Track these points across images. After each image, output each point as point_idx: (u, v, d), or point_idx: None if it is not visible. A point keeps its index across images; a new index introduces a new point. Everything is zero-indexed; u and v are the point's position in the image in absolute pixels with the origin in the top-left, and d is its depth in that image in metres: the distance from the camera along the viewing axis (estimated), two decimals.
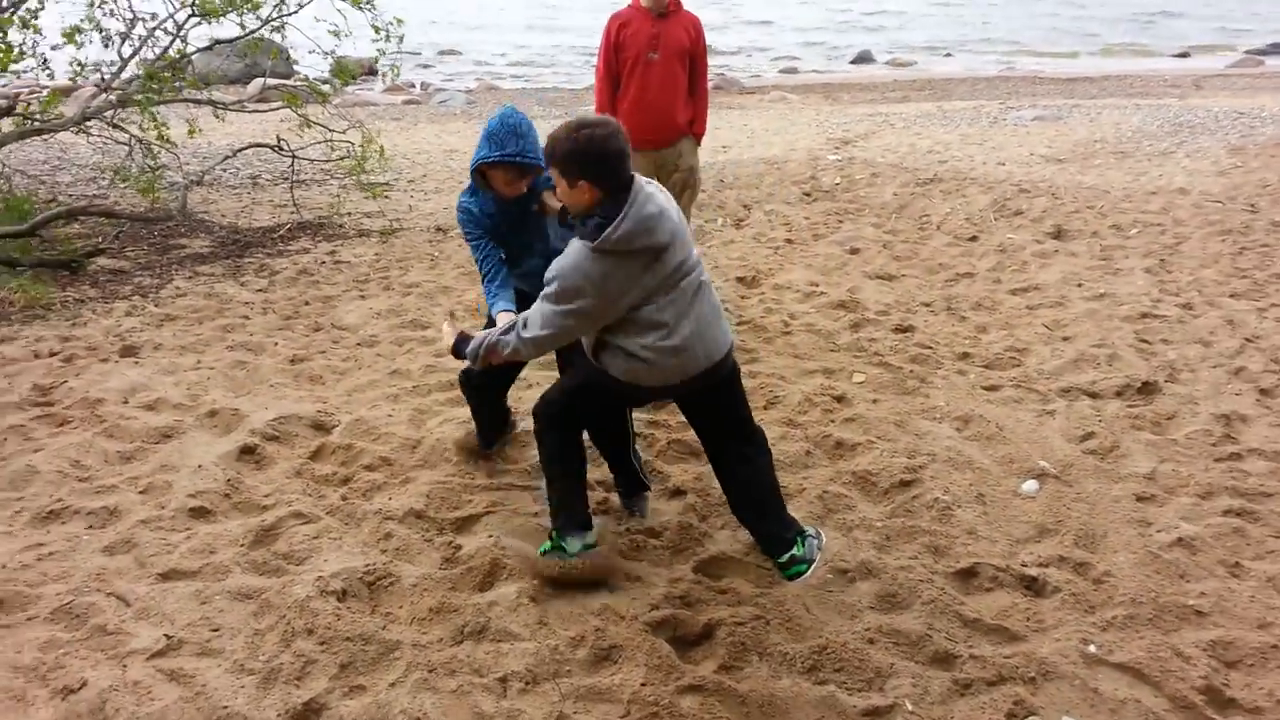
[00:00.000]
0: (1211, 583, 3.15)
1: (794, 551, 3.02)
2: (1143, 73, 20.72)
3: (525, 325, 2.87)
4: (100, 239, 7.15)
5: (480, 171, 3.30)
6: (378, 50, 8.11)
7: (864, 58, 24.35)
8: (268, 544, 3.38)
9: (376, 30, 7.98)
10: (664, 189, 2.94)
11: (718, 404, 3.10)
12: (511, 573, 3.15)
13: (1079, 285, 6.20)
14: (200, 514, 3.56)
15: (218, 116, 8.44)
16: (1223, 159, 9.98)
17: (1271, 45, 24.28)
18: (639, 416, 4.06)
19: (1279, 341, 5.20)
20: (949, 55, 25.04)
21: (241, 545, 3.35)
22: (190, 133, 8.29)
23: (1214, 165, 9.71)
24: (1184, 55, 24.83)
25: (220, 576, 3.18)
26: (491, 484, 3.75)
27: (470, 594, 3.09)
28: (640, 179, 2.83)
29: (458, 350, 3.08)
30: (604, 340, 2.90)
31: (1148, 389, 4.61)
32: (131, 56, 7.94)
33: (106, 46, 7.86)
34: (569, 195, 2.81)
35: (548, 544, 3.17)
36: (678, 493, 3.71)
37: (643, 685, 2.65)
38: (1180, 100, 14.89)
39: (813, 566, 3.02)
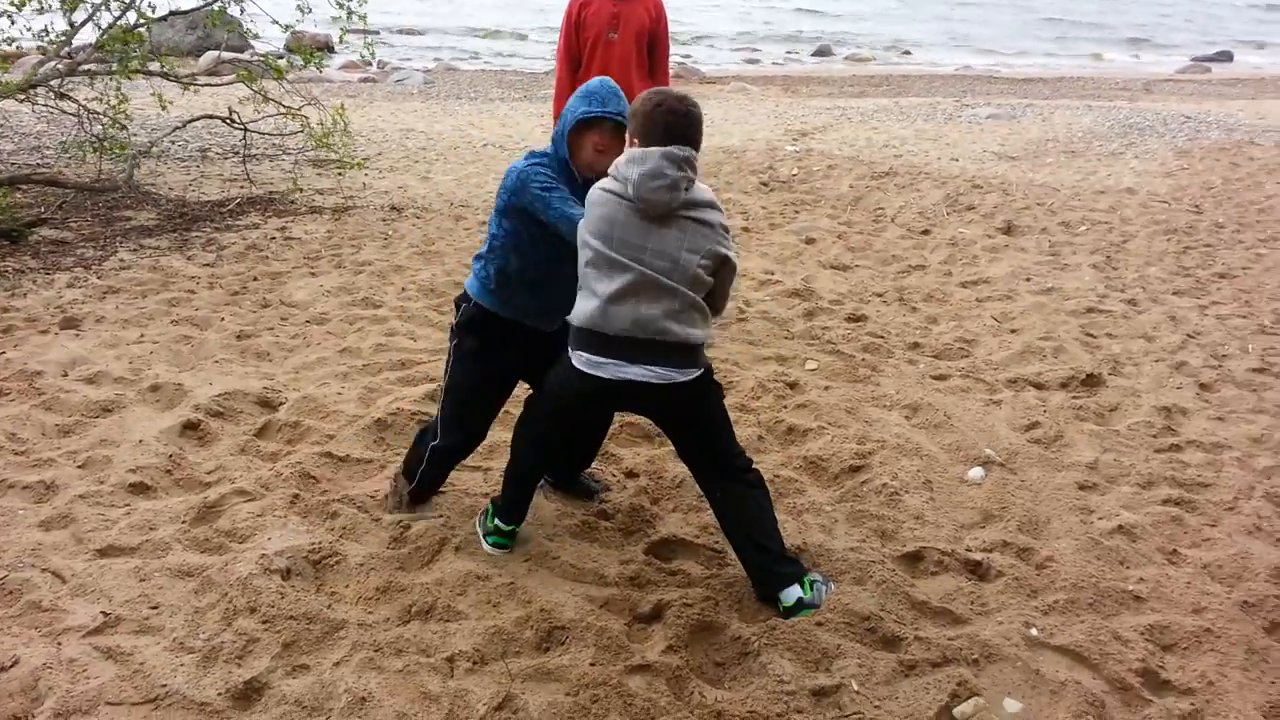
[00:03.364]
0: (1150, 569, 3.23)
1: (802, 595, 2.91)
2: (1095, 75, 21.08)
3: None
4: (43, 209, 6.94)
5: (569, 138, 2.93)
6: (340, 28, 8.01)
7: (824, 51, 24.49)
8: (210, 521, 3.31)
9: (340, 6, 7.87)
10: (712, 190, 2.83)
11: (681, 427, 3.00)
12: (460, 553, 3.13)
13: (1028, 279, 6.30)
14: (140, 490, 3.47)
15: (186, 89, 8.24)
16: (1169, 161, 10.20)
17: (1219, 53, 24.88)
18: None
19: (1219, 338, 5.33)
20: (908, 53, 25.25)
21: (183, 522, 3.28)
22: (162, 106, 8.10)
23: (1161, 167, 9.92)
24: (1135, 57, 25.35)
25: (160, 553, 3.11)
26: None
27: (418, 573, 3.06)
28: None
29: None
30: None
31: (1092, 381, 4.70)
32: (84, 23, 7.70)
33: (68, 13, 7.57)
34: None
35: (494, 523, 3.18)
36: (630, 475, 3.71)
37: (591, 665, 2.64)
38: (1130, 103, 15.17)
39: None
